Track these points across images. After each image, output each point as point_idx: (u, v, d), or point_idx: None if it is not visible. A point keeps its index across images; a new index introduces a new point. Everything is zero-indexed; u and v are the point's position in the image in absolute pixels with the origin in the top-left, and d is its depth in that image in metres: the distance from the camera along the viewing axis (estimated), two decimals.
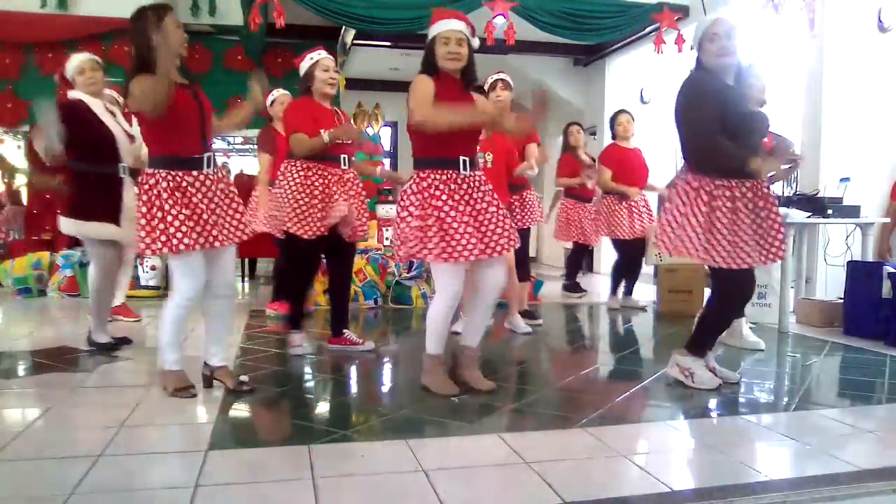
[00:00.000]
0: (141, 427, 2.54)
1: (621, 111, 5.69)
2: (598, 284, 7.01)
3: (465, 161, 2.89)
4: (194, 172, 2.78)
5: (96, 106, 3.77)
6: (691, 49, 3.13)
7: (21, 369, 3.43)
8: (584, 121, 9.39)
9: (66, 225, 3.72)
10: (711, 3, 6.31)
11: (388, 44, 8.20)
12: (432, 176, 2.87)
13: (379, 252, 5.90)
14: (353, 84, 9.24)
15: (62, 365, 3.45)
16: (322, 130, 3.48)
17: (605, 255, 7.53)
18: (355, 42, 7.99)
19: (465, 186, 2.89)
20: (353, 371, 3.58)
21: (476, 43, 2.98)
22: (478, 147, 3.14)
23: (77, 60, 3.81)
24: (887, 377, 3.43)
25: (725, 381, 3.17)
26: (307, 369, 3.52)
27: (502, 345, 4.23)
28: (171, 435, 2.50)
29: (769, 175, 2.97)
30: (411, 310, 5.57)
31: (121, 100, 3.99)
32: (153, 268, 5.93)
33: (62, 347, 3.81)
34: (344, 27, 7.29)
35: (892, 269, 4.33)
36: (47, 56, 7.44)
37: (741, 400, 3.00)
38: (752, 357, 3.86)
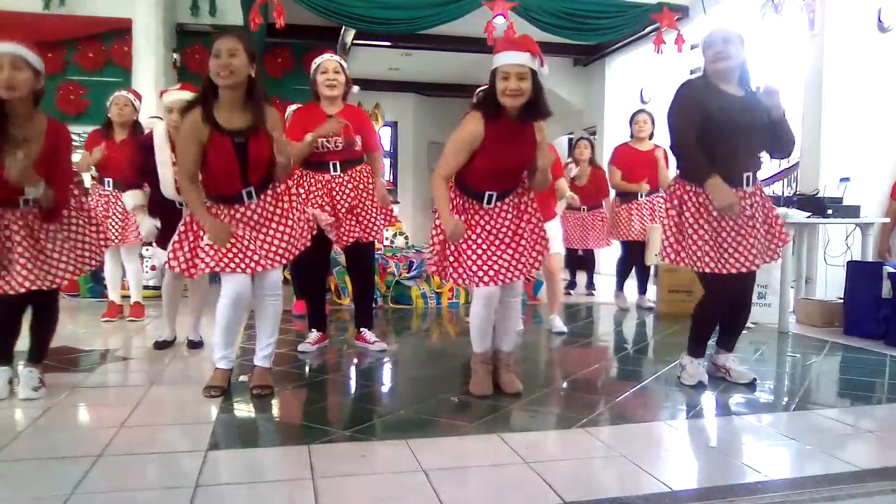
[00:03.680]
0: (141, 427, 2.54)
1: (640, 111, 5.74)
2: (600, 284, 7.00)
3: (490, 196, 2.91)
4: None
5: (158, 133, 3.71)
6: (692, 49, 3.13)
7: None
8: (583, 121, 9.43)
9: None
10: (711, 3, 6.32)
11: (388, 44, 8.21)
12: (458, 199, 2.94)
13: (378, 252, 5.88)
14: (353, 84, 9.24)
15: (62, 365, 3.44)
16: (308, 134, 3.51)
17: (606, 257, 7.51)
18: (355, 42, 7.98)
19: (486, 217, 2.93)
20: (353, 371, 3.58)
21: (545, 71, 2.74)
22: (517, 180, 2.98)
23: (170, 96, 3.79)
24: (887, 377, 3.44)
25: (737, 380, 3.19)
26: (307, 370, 3.52)
27: None
28: (171, 435, 2.49)
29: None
30: (411, 310, 5.57)
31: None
32: (153, 268, 5.92)
33: (62, 347, 3.80)
34: (344, 27, 7.29)
35: (892, 269, 4.33)
36: (47, 56, 7.40)
37: (741, 400, 3.00)
38: (753, 357, 3.86)
